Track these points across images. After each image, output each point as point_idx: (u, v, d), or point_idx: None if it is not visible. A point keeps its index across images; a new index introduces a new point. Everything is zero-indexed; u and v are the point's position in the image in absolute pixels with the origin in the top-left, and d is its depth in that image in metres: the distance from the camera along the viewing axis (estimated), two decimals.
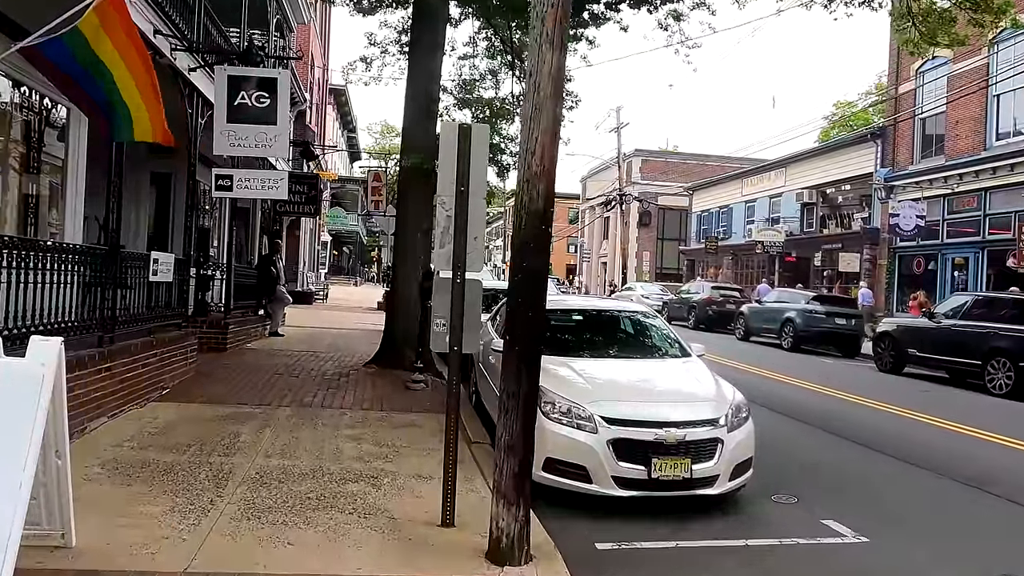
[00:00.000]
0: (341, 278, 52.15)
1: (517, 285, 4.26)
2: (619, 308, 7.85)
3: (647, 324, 7.57)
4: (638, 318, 7.66)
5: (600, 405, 5.57)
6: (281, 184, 8.73)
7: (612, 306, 8.06)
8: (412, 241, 10.30)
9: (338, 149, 36.43)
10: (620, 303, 9.34)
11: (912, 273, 24.39)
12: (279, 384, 9.19)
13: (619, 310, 7.83)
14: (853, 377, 14.66)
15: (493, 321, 8.89)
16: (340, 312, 22.84)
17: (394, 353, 10.33)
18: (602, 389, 5.93)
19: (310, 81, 25.72)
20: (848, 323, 19.15)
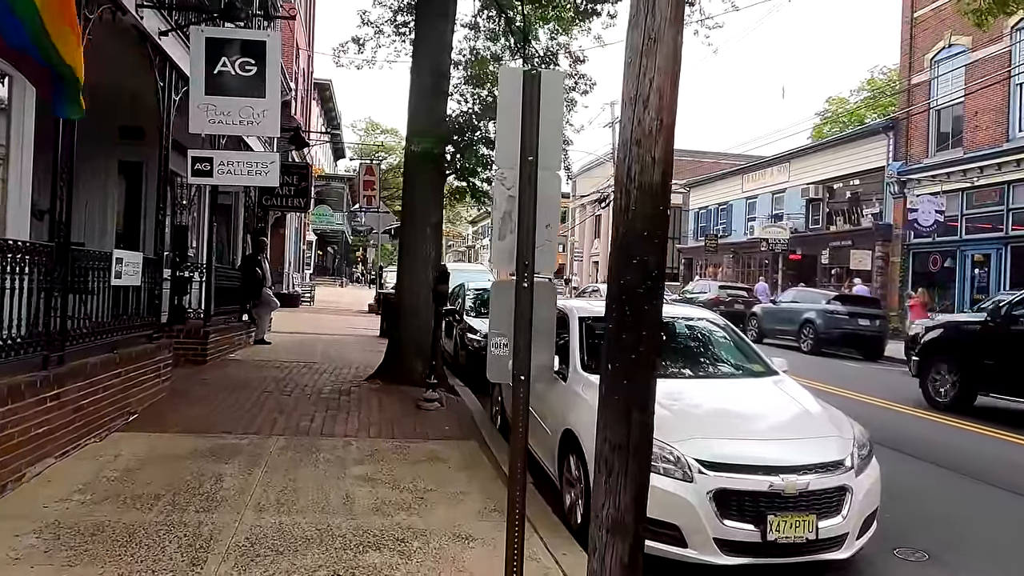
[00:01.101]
0: (327, 279, 50.59)
1: (623, 291, 2.97)
2: (680, 314, 6.59)
3: (718, 333, 6.31)
4: (706, 325, 6.39)
5: (692, 444, 4.30)
6: (271, 169, 7.38)
7: (671, 312, 6.77)
8: (420, 236, 8.99)
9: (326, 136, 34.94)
10: (678, 307, 8.05)
11: (927, 271, 23.40)
12: (269, 404, 7.84)
13: (681, 316, 6.56)
14: (891, 383, 13.51)
15: None
16: (329, 315, 21.44)
17: (400, 366, 9.01)
18: (688, 421, 4.67)
19: (295, 72, 24.28)
20: (872, 324, 18.06)
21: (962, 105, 22.05)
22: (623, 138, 3.01)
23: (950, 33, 22.56)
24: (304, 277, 32.15)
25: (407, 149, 9.03)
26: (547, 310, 3.49)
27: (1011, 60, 20.46)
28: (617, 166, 3.08)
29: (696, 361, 5.92)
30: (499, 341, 3.47)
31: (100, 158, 10.21)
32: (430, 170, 8.99)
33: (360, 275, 62.07)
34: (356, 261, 68.86)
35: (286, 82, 20.19)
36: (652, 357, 2.97)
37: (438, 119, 9.04)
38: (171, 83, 7.65)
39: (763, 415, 4.91)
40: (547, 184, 3.49)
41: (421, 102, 9.09)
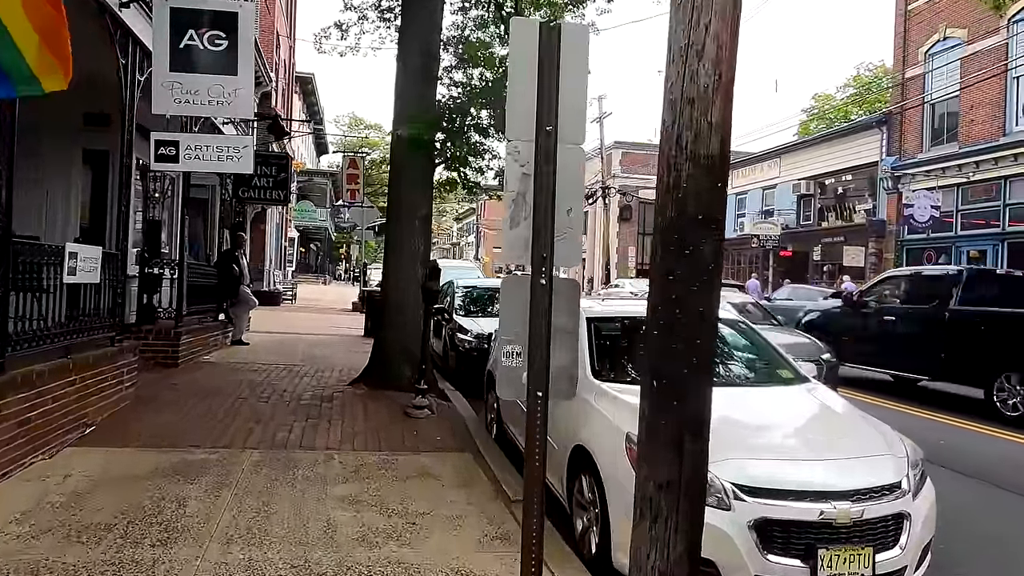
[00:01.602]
0: (309, 276, 49.70)
1: (671, 289, 2.38)
2: None
3: (743, 336, 5.73)
4: (729, 327, 5.82)
5: (727, 465, 3.72)
6: (244, 154, 6.70)
7: None
8: (408, 230, 8.36)
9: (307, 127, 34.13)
10: None
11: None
12: (243, 412, 7.19)
13: None
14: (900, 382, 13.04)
15: None
16: (312, 314, 20.73)
17: (387, 370, 8.38)
18: (720, 438, 4.07)
19: (276, 62, 23.50)
20: None
21: (957, 99, 21.69)
22: (670, 99, 2.42)
23: (945, 25, 22.20)
24: (286, 274, 31.35)
25: (394, 136, 8.39)
26: (569, 313, 2.90)
27: (1008, 53, 20.10)
28: (662, 136, 2.48)
29: (721, 366, 5.35)
30: (511, 350, 2.88)
31: (63, 146, 9.48)
32: (418, 159, 8.36)
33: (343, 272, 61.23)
34: (339, 258, 68.02)
35: (265, 72, 19.44)
36: (708, 370, 2.38)
37: (427, 104, 8.40)
38: (135, 61, 6.96)
39: (803, 430, 4.34)
40: (569, 160, 2.90)
41: (409, 86, 8.45)
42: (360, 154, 23.55)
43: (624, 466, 3.85)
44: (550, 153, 2.81)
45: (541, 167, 2.81)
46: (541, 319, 2.81)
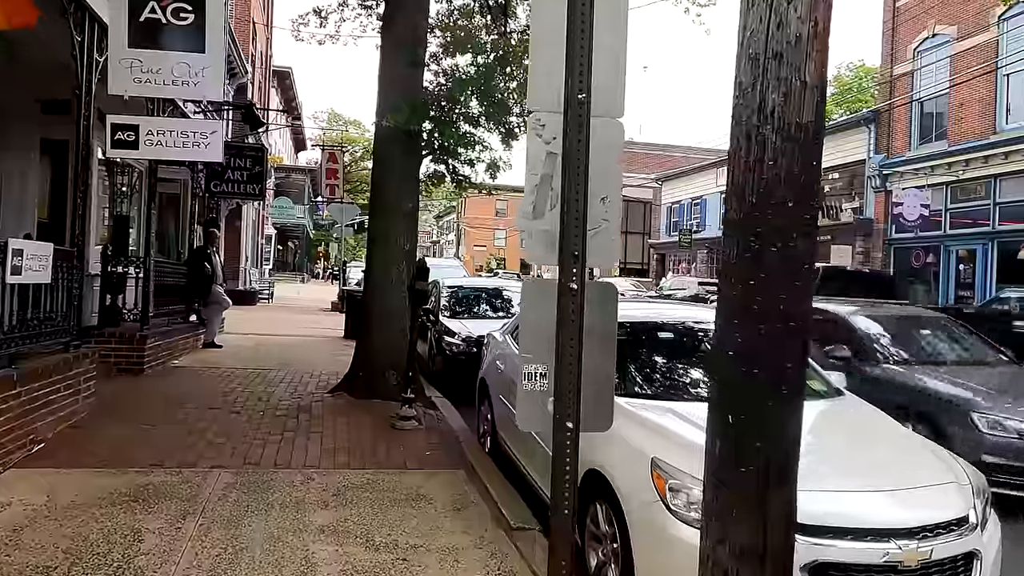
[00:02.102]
0: (287, 275, 48.84)
1: (754, 293, 1.84)
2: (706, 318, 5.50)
3: None
4: None
5: None
6: (213, 141, 6.07)
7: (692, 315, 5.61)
8: (393, 225, 7.77)
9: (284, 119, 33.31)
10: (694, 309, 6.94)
11: (910, 267, 22.84)
12: (214, 425, 6.57)
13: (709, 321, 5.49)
14: None
15: (511, 333, 6.48)
16: (289, 314, 20.02)
17: (370, 376, 7.79)
18: None
19: (251, 54, 22.74)
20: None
21: (947, 96, 21.46)
22: (750, 55, 1.88)
23: (934, 22, 21.97)
24: (263, 273, 30.53)
25: (377, 125, 7.80)
26: (605, 325, 2.36)
27: (998, 50, 19.88)
28: (736, 102, 1.94)
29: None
30: (533, 372, 2.34)
31: (18, 136, 8.80)
32: (404, 149, 7.77)
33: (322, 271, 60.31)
34: (318, 257, 67.06)
35: (240, 62, 18.72)
36: (798, 402, 1.84)
37: (413, 92, 7.82)
38: (92, 38, 6.30)
39: (852, 454, 3.82)
40: (605, 137, 2.35)
41: (393, 72, 7.87)
42: (340, 148, 22.81)
43: (650, 498, 3.32)
44: (582, 127, 2.27)
45: (572, 145, 2.27)
46: (571, 333, 2.27)
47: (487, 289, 11.96)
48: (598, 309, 2.32)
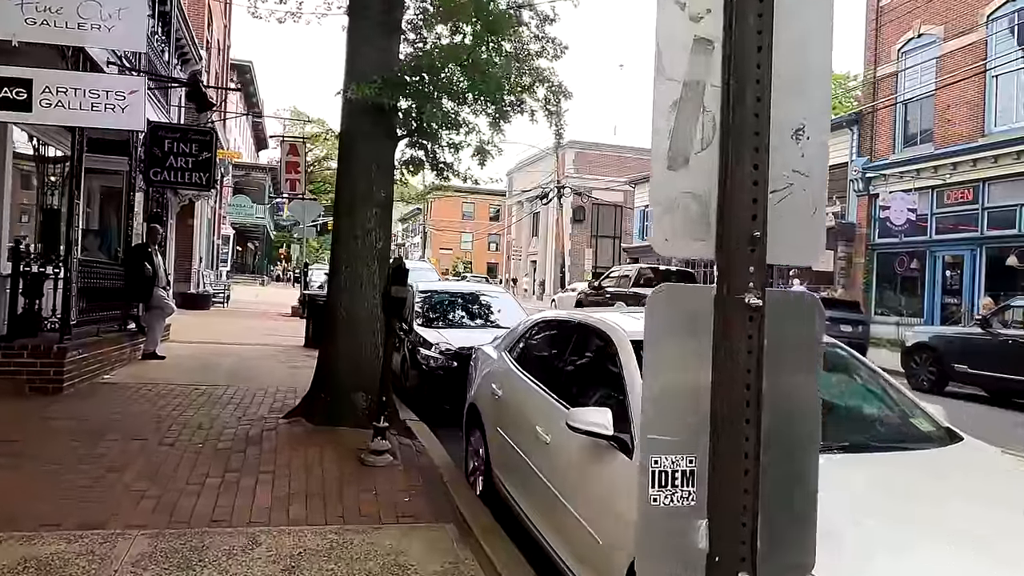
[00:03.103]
0: (246, 277, 46.97)
1: None
2: None
3: (841, 363, 4.09)
4: (842, 359, 4.11)
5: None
6: (132, 103, 4.76)
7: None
8: (363, 219, 6.55)
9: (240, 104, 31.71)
10: None
11: (894, 273, 22.24)
12: (137, 463, 5.28)
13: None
14: None
15: (508, 351, 5.32)
16: (245, 320, 18.55)
17: (334, 398, 6.53)
18: (894, 559, 2.41)
19: (207, 40, 21.23)
20: (855, 330, 16.50)
21: (932, 98, 20.90)
22: None
23: (920, 22, 21.43)
24: (219, 275, 28.87)
25: (344, 99, 6.57)
26: (807, 375, 1.19)
27: (987, 51, 19.35)
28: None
29: (843, 423, 3.65)
30: (663, 467, 1.16)
31: None
32: (376, 129, 6.56)
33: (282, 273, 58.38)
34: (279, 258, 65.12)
35: (194, 47, 17.29)
36: None
37: (387, 62, 6.61)
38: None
39: (1000, 529, 2.68)
40: (803, 18, 1.20)
41: (365, 37, 6.65)
42: (302, 140, 21.32)
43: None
44: (753, 30, 1.14)
45: (744, 31, 1.13)
46: (743, 393, 1.14)
47: (464, 294, 10.75)
48: (795, 347, 1.20)
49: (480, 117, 7.00)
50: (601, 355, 3.93)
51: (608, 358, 3.77)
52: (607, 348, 3.82)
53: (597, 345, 4.04)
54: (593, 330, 4.10)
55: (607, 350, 3.82)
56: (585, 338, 4.22)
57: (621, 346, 3.70)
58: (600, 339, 3.98)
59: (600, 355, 3.95)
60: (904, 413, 3.69)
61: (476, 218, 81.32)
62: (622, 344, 3.70)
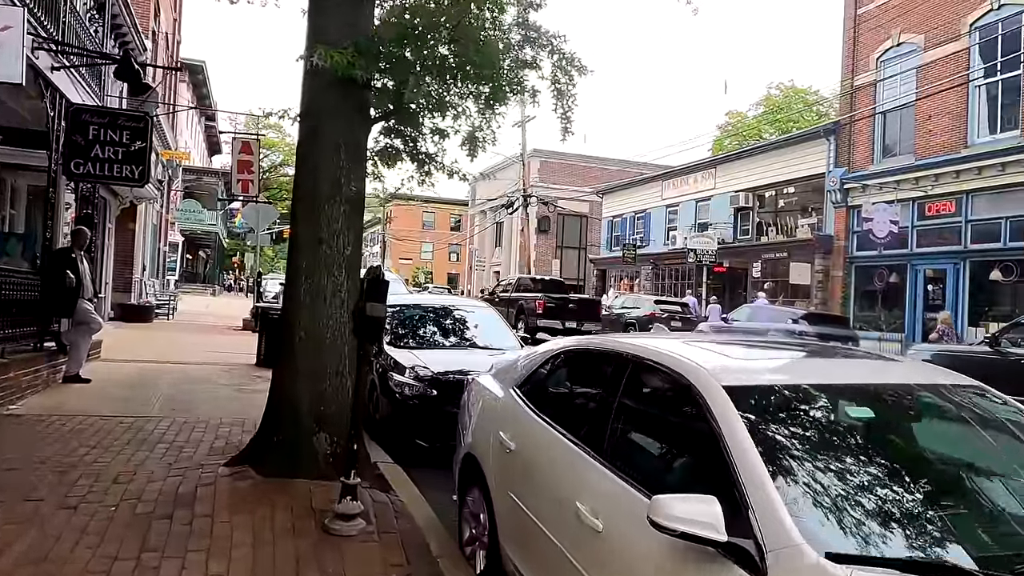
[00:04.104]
0: (196, 287, 44.84)
1: None
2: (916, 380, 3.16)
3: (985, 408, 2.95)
4: (968, 397, 2.99)
5: None
6: (5, 44, 3.48)
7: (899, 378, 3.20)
8: (326, 219, 5.30)
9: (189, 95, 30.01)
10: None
11: (872, 287, 21.66)
12: (22, 540, 3.94)
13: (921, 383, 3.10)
14: None
15: (520, 387, 4.12)
16: (191, 334, 16.97)
17: (291, 441, 5.24)
18: None
19: (153, 30, 19.66)
20: (845, 347, 15.68)
21: (913, 108, 20.41)
22: None
23: (899, 31, 20.99)
24: (165, 285, 27.05)
25: (307, 66, 5.32)
26: None
27: (969, 60, 18.91)
28: None
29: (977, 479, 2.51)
30: None
31: None
32: (346, 107, 5.34)
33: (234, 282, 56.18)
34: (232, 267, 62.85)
35: (137, 37, 15.79)
36: None
37: (360, 23, 5.41)
38: None
39: None
40: None
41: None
42: (256, 137, 19.70)
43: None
44: None
45: None
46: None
47: (440, 309, 9.47)
48: None
49: (469, 100, 5.83)
50: (677, 406, 2.80)
51: (690, 413, 2.63)
52: (686, 397, 2.67)
53: (666, 390, 2.90)
54: (659, 369, 2.94)
55: (686, 400, 2.67)
56: (645, 378, 3.07)
57: (712, 398, 2.55)
58: (670, 382, 2.84)
59: (675, 406, 2.81)
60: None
61: (437, 228, 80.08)
62: (712, 395, 2.55)
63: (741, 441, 2.35)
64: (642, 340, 3.39)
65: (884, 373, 3.11)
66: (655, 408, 2.99)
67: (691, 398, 2.64)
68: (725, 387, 2.58)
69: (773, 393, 2.66)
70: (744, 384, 2.64)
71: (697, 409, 2.58)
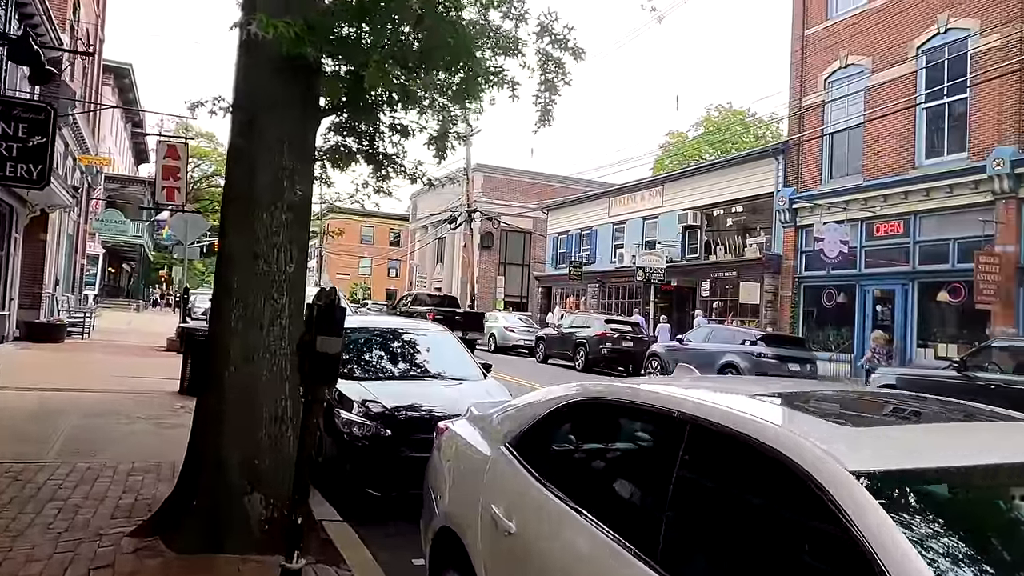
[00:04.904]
0: (118, 302, 42.27)
1: None
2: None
3: None
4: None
5: None
6: None
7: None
8: (264, 229, 4.32)
9: (111, 93, 28.18)
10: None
11: (821, 307, 21.59)
12: None
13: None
14: None
15: (516, 445, 3.23)
16: (107, 356, 15.41)
17: (215, 505, 4.20)
18: None
19: (70, 22, 18.11)
20: (803, 369, 15.39)
21: (861, 129, 20.49)
22: None
23: (847, 52, 21.10)
24: (83, 300, 25.07)
25: (243, 43, 4.37)
26: None
27: (916, 83, 19.06)
28: None
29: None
30: None
31: None
32: (291, 95, 4.40)
33: (160, 298, 53.37)
34: (159, 281, 59.86)
35: (51, 30, 14.38)
36: None
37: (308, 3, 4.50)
38: None
39: None
40: None
41: None
42: (184, 140, 18.13)
43: None
44: None
45: None
46: None
47: (386, 331, 8.44)
48: None
49: (436, 91, 4.96)
50: (776, 495, 1.97)
51: (803, 508, 1.81)
52: (794, 486, 1.85)
53: (757, 472, 2.06)
54: (741, 440, 2.10)
55: (795, 490, 1.85)
56: (715, 450, 2.23)
57: (848, 497, 1.73)
58: (764, 461, 2.00)
59: (773, 495, 1.98)
60: None
61: (376, 242, 78.53)
62: (855, 497, 1.73)
63: (900, 562, 1.55)
64: (697, 394, 2.54)
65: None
66: (739, 494, 2.16)
67: (803, 488, 1.82)
68: (859, 473, 1.77)
69: (927, 482, 1.86)
70: (885, 469, 1.83)
71: (818, 507, 1.76)
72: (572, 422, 3.02)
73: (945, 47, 18.47)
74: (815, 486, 1.79)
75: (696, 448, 2.25)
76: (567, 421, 3.03)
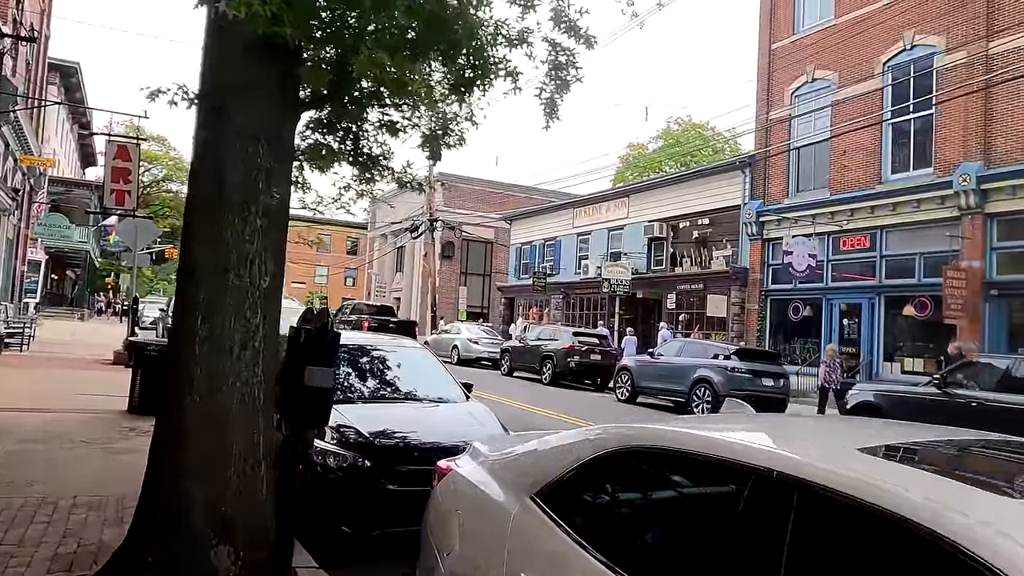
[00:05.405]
0: (62, 311, 40.39)
1: None
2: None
3: None
4: None
5: None
6: None
7: None
8: (235, 238, 3.74)
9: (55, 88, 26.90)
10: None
11: (788, 320, 21.57)
12: None
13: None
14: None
15: (547, 499, 2.69)
16: (48, 369, 14.40)
17: (175, 558, 3.59)
18: None
19: (13, 16, 17.05)
20: (776, 384, 15.18)
21: (828, 143, 20.56)
22: None
23: (814, 67, 21.21)
24: (22, 309, 23.71)
25: (211, 22, 3.79)
26: None
27: (882, 98, 19.19)
28: None
29: None
30: None
31: None
32: (266, 82, 3.84)
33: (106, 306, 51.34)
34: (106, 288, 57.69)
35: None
36: None
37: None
38: None
39: None
40: None
41: None
42: (135, 140, 17.18)
43: None
44: None
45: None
46: None
47: (364, 349, 7.75)
48: None
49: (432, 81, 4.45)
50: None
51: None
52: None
53: (907, 555, 1.59)
54: (896, 523, 1.63)
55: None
56: (837, 522, 1.76)
57: None
58: (919, 544, 1.54)
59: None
60: None
61: (333, 251, 77.20)
62: None
63: None
64: (794, 448, 2.07)
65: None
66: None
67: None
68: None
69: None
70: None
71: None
72: (623, 474, 2.51)
73: (911, 63, 18.64)
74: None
75: (812, 521, 1.77)
76: (616, 472, 2.52)
